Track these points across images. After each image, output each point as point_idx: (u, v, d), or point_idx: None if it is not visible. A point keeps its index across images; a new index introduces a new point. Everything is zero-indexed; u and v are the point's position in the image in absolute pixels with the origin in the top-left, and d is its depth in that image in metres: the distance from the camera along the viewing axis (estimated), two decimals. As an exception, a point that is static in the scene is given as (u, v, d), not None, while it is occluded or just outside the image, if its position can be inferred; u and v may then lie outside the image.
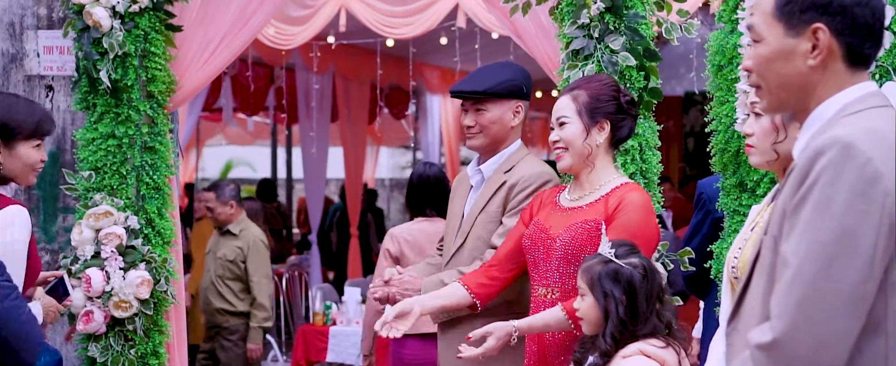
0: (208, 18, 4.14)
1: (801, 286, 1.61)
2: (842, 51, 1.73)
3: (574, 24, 3.59)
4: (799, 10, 1.74)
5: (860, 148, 1.61)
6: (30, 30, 4.23)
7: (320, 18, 7.41)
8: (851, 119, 1.70)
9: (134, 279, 3.89)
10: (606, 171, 3.01)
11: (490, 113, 3.43)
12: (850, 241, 1.60)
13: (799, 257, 1.62)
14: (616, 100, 2.99)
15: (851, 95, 1.73)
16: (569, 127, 2.97)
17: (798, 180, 1.66)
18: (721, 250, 3.57)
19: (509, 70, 3.53)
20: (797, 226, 1.64)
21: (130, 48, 3.91)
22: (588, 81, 3.07)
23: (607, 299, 2.60)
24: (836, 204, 1.60)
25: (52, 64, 4.20)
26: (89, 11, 3.87)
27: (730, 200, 3.58)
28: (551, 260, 2.97)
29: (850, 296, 1.60)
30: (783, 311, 1.62)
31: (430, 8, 7.20)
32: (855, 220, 1.60)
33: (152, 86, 4.00)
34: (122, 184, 3.96)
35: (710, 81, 3.66)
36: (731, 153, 3.56)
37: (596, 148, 2.97)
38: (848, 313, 1.60)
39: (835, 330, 1.60)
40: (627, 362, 2.55)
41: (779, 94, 1.80)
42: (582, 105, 2.96)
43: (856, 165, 1.61)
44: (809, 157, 1.65)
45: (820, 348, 1.60)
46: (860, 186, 1.60)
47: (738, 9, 3.52)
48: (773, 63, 1.78)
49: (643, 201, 2.95)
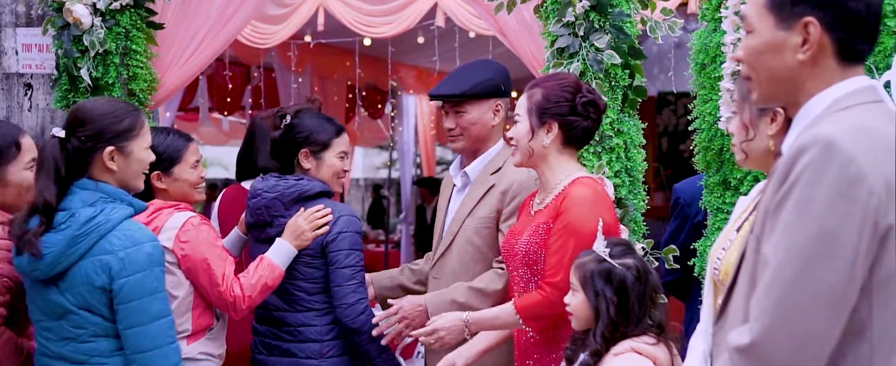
0: (189, 16, 4.11)
1: (779, 287, 1.58)
2: (833, 46, 1.70)
3: (559, 22, 3.59)
4: (790, 3, 1.71)
5: (843, 147, 1.58)
6: (8, 27, 4.18)
7: (298, 17, 7.36)
8: (839, 116, 1.67)
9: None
10: (562, 170, 2.97)
11: (470, 115, 3.43)
12: (831, 242, 1.57)
13: (778, 258, 1.60)
14: (570, 101, 2.93)
15: (842, 90, 1.70)
16: (518, 125, 2.96)
17: (780, 179, 1.63)
18: (704, 248, 3.59)
19: (487, 70, 3.51)
20: (778, 226, 1.61)
21: (111, 46, 3.88)
22: (548, 80, 3.02)
23: (598, 299, 2.60)
24: (816, 204, 1.57)
25: (30, 62, 4.14)
26: (69, 9, 3.83)
27: (713, 197, 3.59)
28: (516, 266, 2.98)
29: (829, 297, 1.57)
30: (761, 312, 1.60)
31: (409, 7, 7.18)
32: (836, 220, 1.57)
33: (134, 84, 3.96)
34: (104, 183, 3.91)
35: (693, 80, 3.67)
36: (714, 151, 3.57)
37: (543, 149, 2.93)
38: (827, 315, 1.57)
39: (813, 332, 1.57)
40: (619, 360, 2.55)
41: (768, 86, 1.77)
42: (534, 104, 2.94)
43: (837, 165, 1.57)
44: (791, 155, 1.62)
45: (798, 350, 1.57)
46: (842, 186, 1.57)
47: (721, 7, 3.53)
48: (762, 55, 1.75)
49: (587, 195, 2.87)
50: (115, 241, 2.61)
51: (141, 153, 2.75)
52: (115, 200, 2.67)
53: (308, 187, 3.32)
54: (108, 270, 2.60)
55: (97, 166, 2.70)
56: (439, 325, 2.96)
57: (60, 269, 2.62)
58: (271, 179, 3.39)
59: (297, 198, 3.32)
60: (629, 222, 3.57)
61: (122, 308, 2.62)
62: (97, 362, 2.67)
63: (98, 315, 2.65)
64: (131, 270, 2.61)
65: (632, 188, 3.63)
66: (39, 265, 2.62)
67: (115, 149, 2.69)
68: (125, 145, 2.71)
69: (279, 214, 3.33)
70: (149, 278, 2.62)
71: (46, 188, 2.61)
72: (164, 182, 3.14)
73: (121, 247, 2.61)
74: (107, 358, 2.67)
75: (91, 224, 2.60)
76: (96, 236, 2.60)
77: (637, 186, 3.64)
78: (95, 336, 2.67)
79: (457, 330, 2.96)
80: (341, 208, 3.35)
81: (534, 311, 2.83)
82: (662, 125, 12.61)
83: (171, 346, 2.67)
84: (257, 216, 3.38)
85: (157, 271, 2.65)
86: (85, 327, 2.66)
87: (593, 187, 2.92)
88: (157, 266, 2.65)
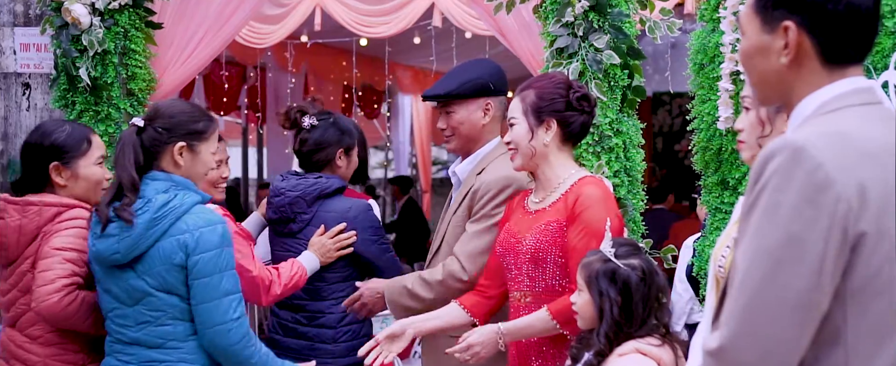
0: (188, 16, 4.11)
1: (747, 292, 1.57)
2: (815, 49, 1.69)
3: (558, 22, 3.59)
4: (771, 6, 1.70)
5: (811, 153, 1.57)
6: (6, 27, 4.18)
7: (295, 17, 7.37)
8: (821, 120, 1.66)
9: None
10: (564, 168, 2.97)
11: (458, 114, 3.42)
12: (797, 248, 1.55)
13: (746, 263, 1.59)
14: (564, 97, 2.94)
15: (829, 93, 1.69)
16: (516, 128, 2.96)
17: (751, 183, 1.62)
18: (702, 248, 3.60)
19: (476, 69, 3.51)
20: (748, 230, 1.61)
21: (110, 45, 3.87)
22: (538, 80, 3.03)
23: (602, 298, 2.59)
24: (783, 210, 1.56)
25: (28, 61, 4.14)
26: (68, 8, 3.83)
27: (712, 197, 3.60)
28: (520, 264, 2.96)
29: (796, 304, 1.55)
30: (729, 317, 1.59)
31: (406, 7, 7.19)
32: (802, 227, 1.55)
33: (132, 83, 3.96)
34: (103, 182, 3.91)
35: (691, 80, 3.68)
36: (712, 151, 3.58)
37: (544, 147, 2.94)
38: (794, 322, 1.56)
39: (780, 338, 1.56)
40: (623, 361, 2.54)
41: (761, 88, 1.78)
42: (528, 105, 2.94)
43: (804, 171, 1.56)
44: (762, 159, 1.61)
45: (765, 356, 1.56)
46: (809, 192, 1.55)
47: (719, 7, 3.54)
48: (752, 58, 1.76)
49: (599, 195, 2.89)
50: (190, 221, 2.78)
51: (207, 156, 2.91)
52: (185, 189, 2.83)
53: (327, 185, 3.61)
54: (185, 247, 2.76)
55: (166, 159, 2.85)
56: (474, 340, 2.91)
57: (138, 252, 2.77)
58: (292, 179, 3.65)
59: (318, 195, 3.60)
60: (629, 222, 3.58)
61: (195, 284, 2.77)
62: (173, 345, 2.81)
63: (175, 295, 2.80)
64: (205, 247, 2.77)
65: (631, 188, 3.63)
66: (119, 248, 2.77)
67: (185, 145, 2.85)
68: (195, 144, 2.87)
69: (302, 211, 3.60)
70: (220, 257, 2.78)
71: (126, 168, 2.78)
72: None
73: (195, 227, 2.77)
74: (182, 342, 2.81)
75: (166, 208, 2.77)
76: (172, 218, 2.77)
77: (636, 185, 3.65)
78: (173, 319, 2.81)
79: (491, 343, 2.91)
80: (357, 205, 3.64)
81: (570, 314, 2.77)
82: (657, 125, 12.63)
83: (237, 321, 2.80)
84: (281, 213, 3.62)
85: (228, 251, 2.81)
86: (162, 309, 2.80)
87: (602, 186, 2.94)
88: (227, 246, 2.81)
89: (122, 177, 2.78)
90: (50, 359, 2.97)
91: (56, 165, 3.03)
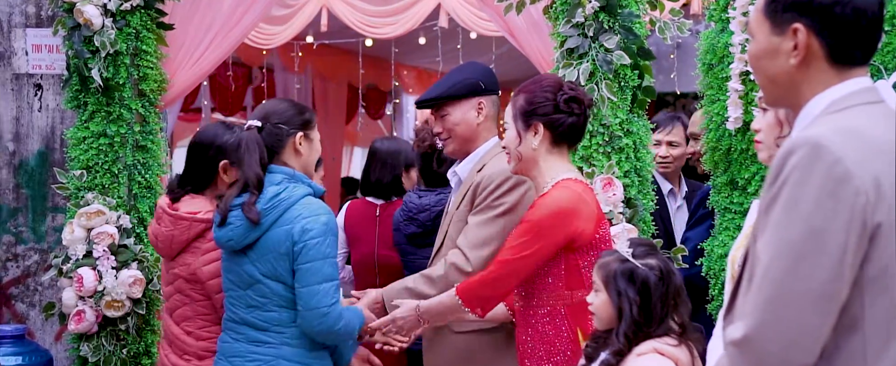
0: (199, 17, 4.12)
1: (770, 284, 1.63)
2: (823, 50, 1.75)
3: (568, 22, 3.61)
4: (781, 10, 1.77)
5: (830, 148, 1.63)
6: (18, 28, 4.19)
7: (301, 18, 7.38)
8: (833, 117, 1.72)
9: (126, 278, 3.86)
10: (553, 170, 2.95)
11: (452, 116, 3.43)
12: (819, 240, 1.61)
13: (769, 256, 1.64)
14: (552, 100, 2.92)
15: (838, 92, 1.76)
16: (507, 133, 2.97)
17: (771, 179, 1.68)
18: (712, 248, 3.61)
19: (464, 70, 3.53)
20: (769, 225, 1.66)
21: (122, 46, 3.89)
22: (530, 84, 3.01)
23: (621, 298, 2.59)
24: (804, 204, 1.62)
25: (40, 62, 4.16)
26: (80, 9, 3.85)
27: (721, 197, 3.62)
28: None
29: (818, 294, 1.62)
30: (754, 308, 1.65)
31: (412, 8, 7.19)
32: (823, 219, 1.61)
33: (144, 84, 3.98)
34: (114, 183, 3.93)
35: (700, 80, 3.69)
36: (721, 151, 3.59)
37: (533, 151, 2.92)
38: (817, 311, 1.62)
39: (804, 328, 1.62)
40: (642, 360, 2.55)
41: (770, 89, 1.84)
42: (517, 110, 2.94)
43: (824, 165, 1.62)
44: (782, 156, 1.67)
45: (789, 346, 1.62)
46: (829, 185, 1.61)
47: (728, 8, 3.56)
48: (761, 60, 1.82)
49: (553, 198, 2.86)
50: (298, 211, 2.99)
51: (318, 143, 3.17)
52: (297, 182, 3.05)
53: None
54: (292, 236, 2.97)
55: (288, 150, 3.09)
56: (397, 314, 3.05)
57: (250, 240, 2.99)
58: (429, 195, 4.14)
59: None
60: (638, 222, 3.59)
61: (299, 268, 2.98)
62: (277, 330, 3.03)
63: (281, 283, 3.01)
64: (310, 235, 2.97)
65: (641, 188, 3.65)
66: (233, 236, 3.00)
67: (303, 134, 3.09)
68: (309, 133, 3.12)
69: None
70: (324, 245, 2.98)
71: (252, 166, 3.00)
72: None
73: (302, 217, 2.98)
74: (286, 327, 3.03)
75: (276, 199, 2.98)
76: (282, 209, 2.98)
77: (646, 185, 3.66)
78: (278, 306, 3.02)
79: (412, 319, 3.04)
80: None
81: (472, 291, 2.86)
82: (660, 126, 12.62)
83: (334, 306, 3.00)
84: (426, 227, 4.07)
85: (332, 239, 3.01)
86: (269, 296, 3.02)
87: (568, 191, 2.88)
88: (332, 235, 3.01)
89: (248, 175, 3.00)
90: (201, 351, 3.22)
91: (225, 164, 3.22)
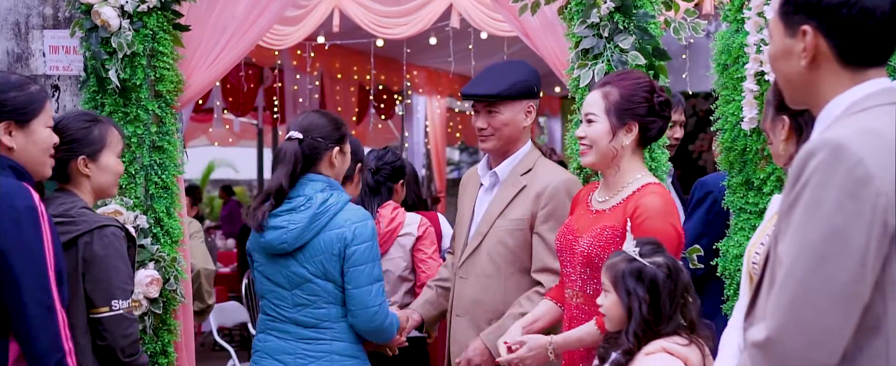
0: (215, 18, 4.14)
1: (792, 286, 1.64)
2: (833, 51, 1.77)
3: (583, 23, 3.61)
4: (792, 12, 1.80)
5: (851, 149, 1.64)
6: (35, 29, 4.21)
7: (313, 18, 7.40)
8: (853, 119, 1.73)
9: (143, 278, 3.88)
10: (632, 172, 2.94)
11: (503, 115, 3.42)
12: (841, 241, 1.62)
13: (791, 257, 1.65)
14: (648, 101, 2.91)
15: (857, 93, 1.77)
16: (596, 125, 2.91)
17: (792, 181, 1.69)
18: (727, 248, 3.61)
19: (521, 71, 3.52)
20: (790, 226, 1.67)
21: (139, 48, 3.91)
22: (622, 79, 2.97)
23: (630, 298, 2.61)
24: (826, 205, 1.63)
25: (57, 64, 4.17)
26: (98, 11, 3.86)
27: (736, 198, 3.61)
28: (574, 264, 2.97)
29: (841, 295, 1.63)
30: (776, 309, 1.66)
31: (425, 8, 7.21)
32: (845, 220, 1.62)
33: (160, 85, 3.99)
34: (131, 183, 3.95)
35: (715, 81, 3.69)
36: (737, 151, 3.59)
37: (621, 149, 2.90)
38: (839, 312, 1.63)
39: (826, 328, 1.63)
40: (651, 360, 2.57)
41: (788, 90, 1.86)
42: (612, 104, 2.89)
43: (846, 167, 1.63)
44: (802, 157, 1.68)
45: (812, 346, 1.63)
46: (850, 186, 1.62)
47: (743, 8, 3.56)
48: (777, 61, 1.85)
49: (659, 206, 2.85)
50: (346, 216, 3.23)
51: (349, 156, 3.39)
52: (339, 190, 3.29)
53: None
54: (344, 239, 3.20)
55: (324, 163, 3.30)
56: (525, 353, 2.94)
57: (302, 242, 3.20)
58: None
59: None
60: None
61: (350, 270, 3.20)
62: (326, 325, 3.23)
63: (331, 281, 3.21)
64: (360, 239, 3.20)
65: (655, 188, 3.65)
66: (287, 238, 3.20)
67: (339, 149, 3.32)
68: (343, 147, 3.34)
69: None
70: (372, 248, 3.22)
71: (281, 177, 3.22)
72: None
73: (352, 222, 3.22)
74: (335, 323, 3.23)
75: (325, 205, 3.22)
76: (331, 214, 3.21)
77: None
78: (327, 303, 3.22)
79: (542, 356, 2.94)
80: None
81: None
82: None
83: (382, 305, 3.24)
84: None
85: (376, 243, 3.25)
86: (319, 294, 3.22)
87: (664, 195, 2.90)
88: (375, 238, 3.26)
89: (272, 185, 3.24)
90: None
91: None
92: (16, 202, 2.69)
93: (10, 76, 2.99)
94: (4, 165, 2.79)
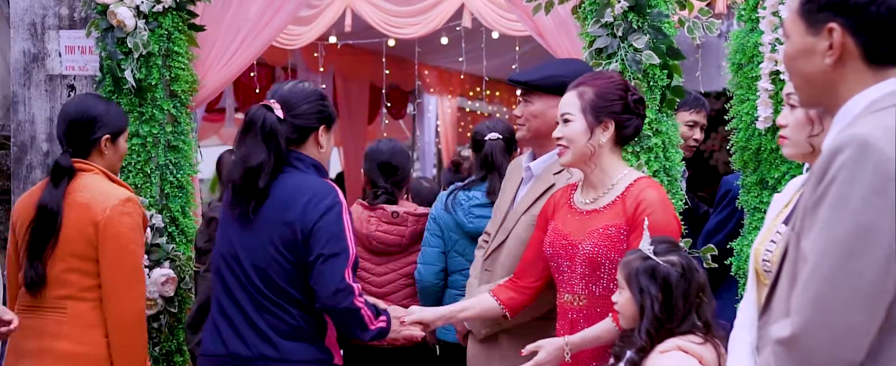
0: (229, 19, 4.16)
1: (818, 282, 1.64)
2: (859, 50, 1.75)
3: (597, 22, 3.61)
4: (816, 9, 1.78)
5: (878, 146, 1.63)
6: (51, 30, 4.24)
7: (326, 18, 7.41)
8: (875, 116, 1.72)
9: (159, 277, 3.90)
10: (615, 168, 2.96)
11: (534, 106, 3.36)
12: (868, 237, 1.62)
13: (816, 254, 1.65)
14: (623, 99, 2.93)
15: (878, 92, 1.75)
16: (572, 125, 2.93)
17: (817, 178, 1.68)
18: (741, 247, 3.61)
19: (563, 66, 3.45)
20: (816, 223, 1.66)
21: (154, 48, 3.93)
22: (595, 78, 3.00)
23: (643, 295, 2.61)
24: (853, 201, 1.62)
25: (73, 64, 4.20)
26: (113, 11, 3.89)
27: (751, 197, 3.61)
28: (575, 267, 2.95)
29: (867, 291, 1.62)
30: (801, 306, 1.65)
31: (436, 8, 7.21)
32: (872, 216, 1.62)
33: (176, 85, 4.01)
34: (147, 183, 3.97)
35: (729, 80, 3.69)
36: (751, 151, 3.59)
37: (599, 147, 2.93)
38: (865, 309, 1.62)
39: (852, 325, 1.62)
40: (665, 358, 2.57)
41: (806, 89, 1.85)
42: (587, 103, 2.92)
43: (873, 163, 1.62)
44: (827, 155, 1.68)
45: (837, 343, 1.63)
46: (878, 183, 1.62)
47: (758, 7, 3.56)
48: (795, 60, 1.83)
49: (661, 198, 2.90)
50: None
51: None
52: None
53: None
54: None
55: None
56: (543, 359, 2.91)
57: None
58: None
59: None
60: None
61: None
62: None
63: None
64: None
65: (670, 188, 3.65)
66: None
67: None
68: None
69: None
70: None
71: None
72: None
73: None
74: None
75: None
76: None
77: (675, 185, 3.66)
78: None
79: (559, 358, 2.92)
80: None
81: None
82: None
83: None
84: None
85: None
86: None
87: (659, 189, 2.93)
88: None
89: None
90: None
91: None
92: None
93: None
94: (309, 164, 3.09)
